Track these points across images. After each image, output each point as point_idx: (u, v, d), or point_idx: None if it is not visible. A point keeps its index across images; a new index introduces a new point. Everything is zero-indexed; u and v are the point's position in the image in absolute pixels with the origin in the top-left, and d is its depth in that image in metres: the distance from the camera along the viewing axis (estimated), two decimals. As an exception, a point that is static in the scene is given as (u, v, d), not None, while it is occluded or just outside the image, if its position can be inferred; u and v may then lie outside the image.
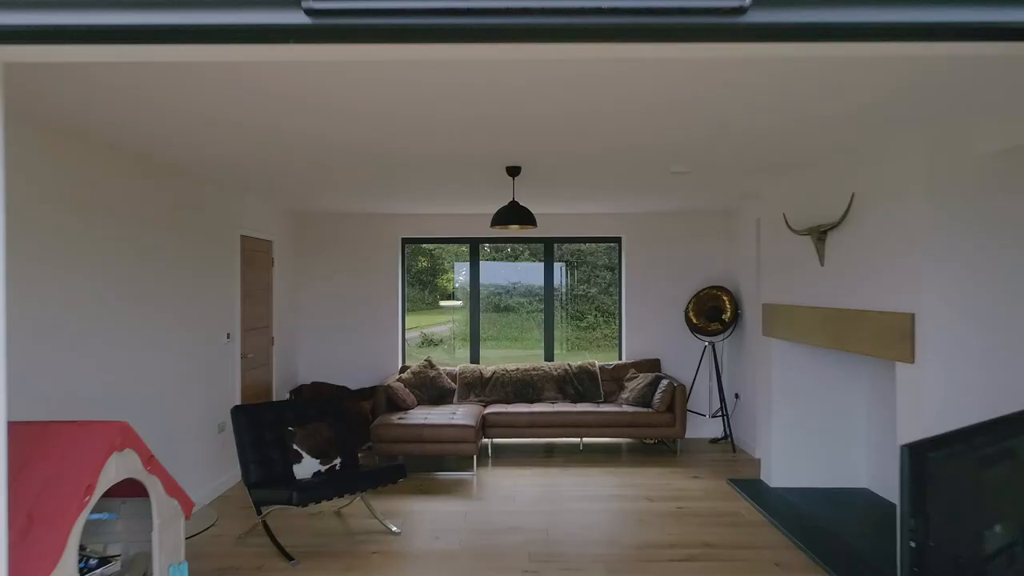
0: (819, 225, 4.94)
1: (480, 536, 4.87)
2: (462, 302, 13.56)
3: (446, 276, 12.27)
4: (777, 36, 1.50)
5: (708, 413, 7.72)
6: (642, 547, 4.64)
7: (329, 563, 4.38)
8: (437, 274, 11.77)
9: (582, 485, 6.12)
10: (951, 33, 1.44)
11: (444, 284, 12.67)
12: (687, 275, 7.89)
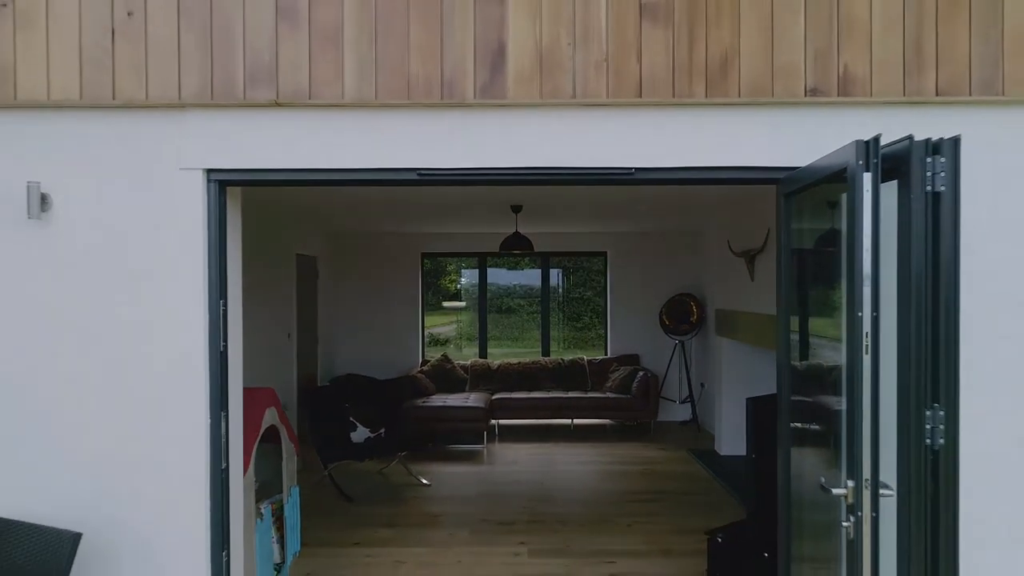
0: (749, 249, 6.46)
1: (491, 487, 6.41)
2: (465, 303, 15.10)
3: (448, 277, 13.77)
4: (648, 182, 3.05)
5: (678, 399, 9.23)
6: (613, 493, 6.18)
7: (377, 504, 5.91)
8: (440, 275, 13.34)
9: (572, 455, 7.65)
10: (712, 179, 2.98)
11: (447, 285, 14.16)
12: (661, 284, 9.39)
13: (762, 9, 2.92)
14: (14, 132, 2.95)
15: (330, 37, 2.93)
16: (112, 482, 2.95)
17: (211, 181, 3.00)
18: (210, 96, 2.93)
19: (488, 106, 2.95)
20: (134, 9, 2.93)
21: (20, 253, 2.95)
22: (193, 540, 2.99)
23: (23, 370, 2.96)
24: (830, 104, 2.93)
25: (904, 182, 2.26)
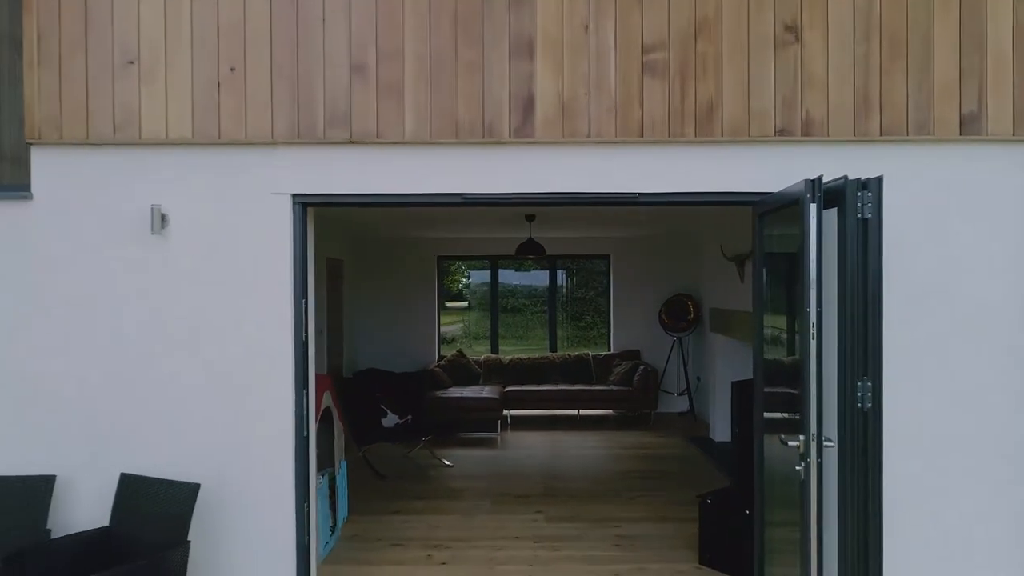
0: (739, 254, 7.18)
1: (507, 467, 7.14)
2: (466, 303, 15.81)
3: (451, 278, 14.50)
4: (648, 204, 3.77)
5: (676, 392, 9.95)
6: (617, 472, 6.90)
7: (407, 481, 6.63)
8: (443, 276, 14.05)
9: (579, 441, 8.37)
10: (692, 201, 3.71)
11: (449, 285, 14.86)
12: (660, 285, 10.10)
13: (739, 66, 3.65)
14: (140, 164, 3.68)
15: (393, 89, 3.66)
16: (220, 445, 3.68)
17: (296, 203, 3.72)
18: (296, 135, 3.66)
19: (520, 144, 3.68)
20: (236, 66, 3.65)
21: (146, 262, 3.68)
22: (282, 492, 3.71)
23: (150, 352, 3.69)
24: (795, 142, 3.66)
25: (842, 210, 2.98)
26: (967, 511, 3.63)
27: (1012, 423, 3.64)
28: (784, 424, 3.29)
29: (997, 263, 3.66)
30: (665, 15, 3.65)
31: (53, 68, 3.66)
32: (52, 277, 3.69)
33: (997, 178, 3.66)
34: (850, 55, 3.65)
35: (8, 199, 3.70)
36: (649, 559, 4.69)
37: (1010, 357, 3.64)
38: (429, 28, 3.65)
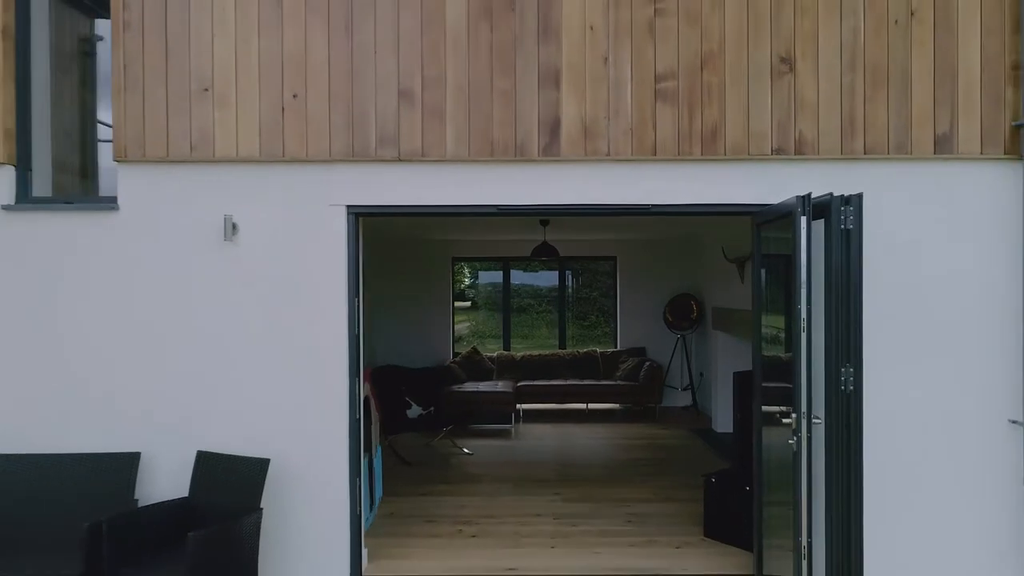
0: (740, 257, 7.68)
1: (522, 454, 7.64)
2: (469, 302, 16.34)
3: (454, 278, 15.01)
4: (659, 214, 4.28)
5: (680, 387, 10.45)
6: (625, 460, 7.41)
7: (431, 467, 7.13)
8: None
9: (588, 433, 8.87)
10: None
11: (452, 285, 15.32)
12: (665, 285, 10.60)
13: (740, 93, 4.15)
14: (213, 180, 4.19)
15: (436, 113, 4.16)
16: (284, 426, 4.19)
17: (350, 214, 4.23)
18: (351, 154, 4.17)
19: (548, 161, 4.18)
20: (298, 92, 4.16)
21: (219, 265, 4.19)
22: (337, 467, 4.22)
23: (220, 345, 4.19)
24: (789, 160, 4.16)
25: (828, 222, 3.48)
26: (937, 475, 4.14)
27: (979, 403, 4.15)
28: (779, 404, 3.79)
29: (968, 265, 4.16)
30: (675, 49, 4.16)
31: (137, 95, 4.16)
32: (135, 278, 4.20)
33: (967, 191, 4.17)
34: (838, 83, 4.15)
35: (98, 210, 4.21)
36: (658, 533, 5.19)
37: (978, 349, 4.15)
38: (468, 59, 4.16)
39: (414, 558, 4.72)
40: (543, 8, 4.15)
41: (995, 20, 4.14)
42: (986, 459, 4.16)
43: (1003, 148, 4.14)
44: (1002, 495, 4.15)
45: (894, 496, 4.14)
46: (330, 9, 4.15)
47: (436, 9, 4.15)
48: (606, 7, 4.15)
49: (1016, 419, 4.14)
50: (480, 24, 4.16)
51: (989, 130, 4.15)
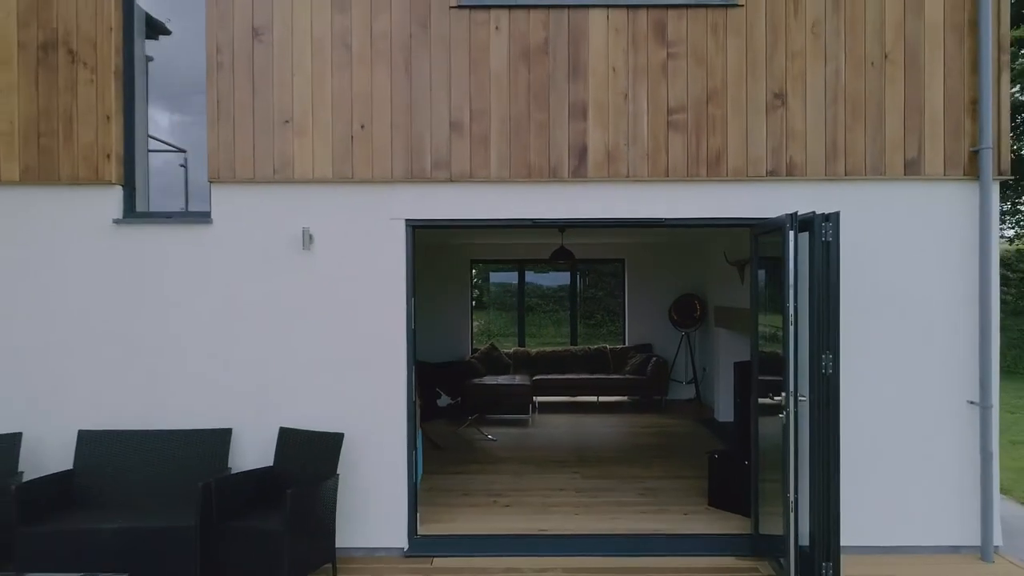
0: (740, 260, 8.42)
1: (541, 441, 8.39)
2: (473, 302, 17.14)
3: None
4: (672, 226, 5.03)
5: (684, 381, 11.20)
6: (636, 445, 8.15)
7: (460, 451, 7.88)
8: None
9: (600, 422, 9.62)
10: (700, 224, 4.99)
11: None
12: (670, 286, 11.34)
13: (740, 124, 4.90)
14: (294, 197, 4.93)
15: (482, 141, 4.91)
16: (353, 406, 4.93)
17: (408, 226, 4.97)
18: (410, 175, 4.91)
19: (576, 182, 4.93)
20: (365, 124, 4.91)
21: (298, 270, 4.94)
22: (397, 441, 4.97)
23: (298, 337, 4.94)
24: (781, 180, 4.91)
25: (811, 235, 4.22)
26: (904, 444, 4.89)
27: (943, 386, 4.89)
28: (772, 387, 4.53)
29: (932, 269, 4.91)
30: (684, 86, 4.91)
31: (228, 125, 4.92)
32: (226, 283, 4.95)
33: (932, 206, 4.91)
34: (822, 115, 4.90)
35: (195, 223, 4.97)
36: (668, 503, 5.93)
37: (942, 341, 4.89)
38: (509, 96, 4.91)
39: (459, 521, 5.47)
40: (572, 53, 4.90)
41: (956, 62, 4.89)
42: (949, 432, 4.90)
43: (963, 170, 4.89)
44: (960, 461, 4.89)
45: (865, 461, 4.88)
46: (392, 53, 4.90)
47: (481, 53, 4.91)
48: (626, 51, 4.90)
49: (974, 400, 4.88)
50: (519, 66, 4.91)
51: (951, 155, 4.89)
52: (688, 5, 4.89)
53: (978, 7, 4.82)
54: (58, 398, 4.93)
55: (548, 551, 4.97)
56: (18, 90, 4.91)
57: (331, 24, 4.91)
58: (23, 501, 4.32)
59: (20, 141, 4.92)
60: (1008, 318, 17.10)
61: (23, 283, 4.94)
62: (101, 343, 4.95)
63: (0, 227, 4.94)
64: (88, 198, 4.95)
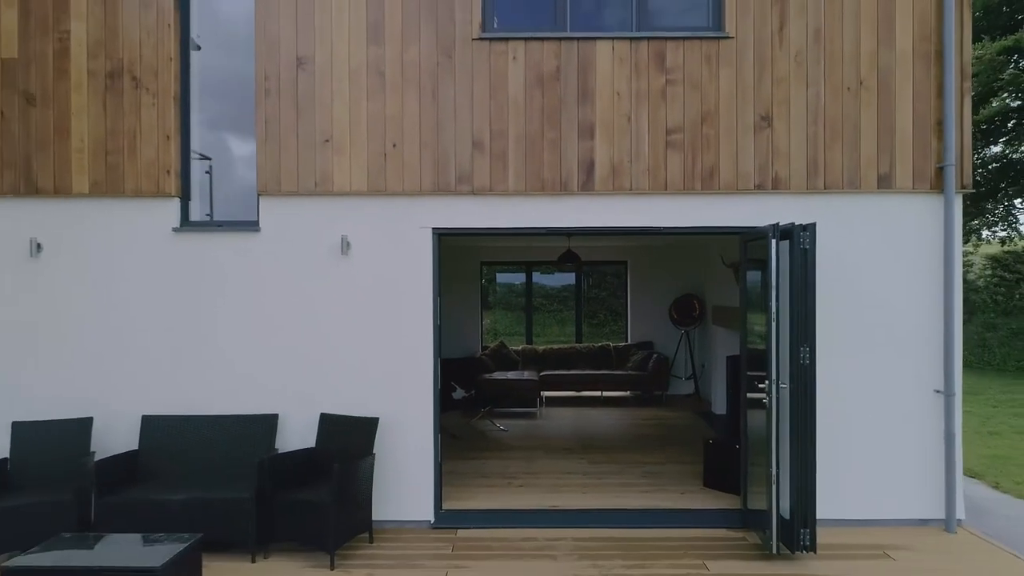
0: (735, 262, 9.00)
1: (550, 431, 9.00)
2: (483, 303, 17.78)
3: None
4: (671, 234, 5.63)
5: (684, 376, 11.79)
6: (638, 435, 8.76)
7: (474, 440, 8.48)
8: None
9: (604, 415, 10.22)
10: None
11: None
12: (671, 286, 11.93)
13: (730, 143, 5.49)
14: (333, 209, 5.54)
15: (500, 158, 5.51)
16: (386, 394, 5.54)
17: (434, 234, 5.58)
18: (436, 188, 5.52)
19: (584, 194, 5.53)
20: (396, 143, 5.52)
21: (336, 276, 5.54)
22: (425, 425, 5.57)
23: (335, 333, 5.55)
24: (768, 193, 5.50)
25: (791, 243, 4.81)
26: (877, 427, 5.48)
27: (913, 377, 5.49)
28: (760, 379, 5.12)
29: (902, 272, 5.50)
30: (681, 109, 5.50)
31: (275, 144, 5.52)
32: (272, 283, 5.56)
33: (902, 216, 5.51)
34: (804, 135, 5.49)
35: (245, 231, 5.57)
36: (668, 484, 6.53)
37: (912, 336, 5.49)
38: (525, 117, 5.51)
39: (479, 498, 6.07)
40: (581, 79, 5.50)
41: (924, 88, 5.48)
42: (917, 418, 5.50)
43: (930, 184, 5.48)
44: (927, 443, 5.49)
45: (842, 444, 5.48)
46: (421, 80, 5.51)
47: (500, 80, 5.51)
48: (629, 78, 5.50)
49: (939, 389, 5.47)
50: (534, 91, 5.51)
51: (919, 171, 5.48)
52: (684, 37, 5.49)
53: (943, 39, 5.41)
54: (123, 387, 5.55)
55: (559, 524, 5.57)
56: (88, 113, 5.53)
57: (366, 54, 5.51)
58: (100, 476, 4.95)
59: (90, 158, 5.53)
60: (999, 317, 17.69)
61: (93, 286, 5.56)
62: (161, 338, 5.56)
63: (72, 235, 5.56)
64: (150, 209, 5.57)
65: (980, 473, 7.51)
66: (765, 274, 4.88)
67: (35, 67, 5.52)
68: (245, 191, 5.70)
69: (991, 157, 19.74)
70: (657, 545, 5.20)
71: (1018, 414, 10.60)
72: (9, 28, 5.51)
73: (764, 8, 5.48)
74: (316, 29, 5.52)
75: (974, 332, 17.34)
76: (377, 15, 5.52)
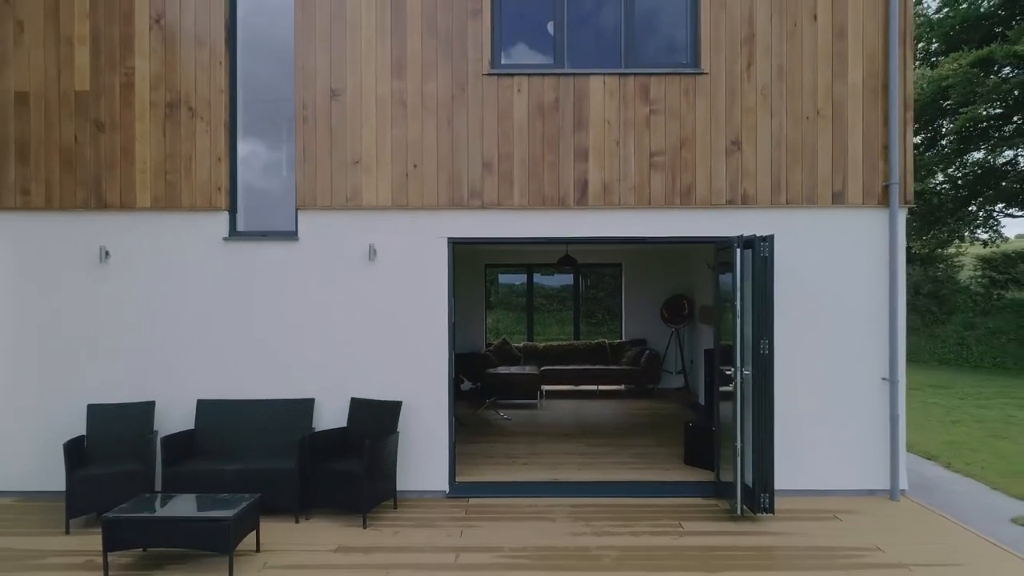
0: (719, 266, 9.87)
1: (550, 420, 9.87)
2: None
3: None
4: (655, 243, 6.51)
5: (674, 371, 12.65)
6: (631, 423, 9.63)
7: (480, 427, 9.35)
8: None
9: (600, 406, 11.09)
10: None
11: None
12: (662, 287, 12.79)
13: (706, 164, 6.36)
14: (361, 221, 6.41)
15: (507, 177, 6.38)
16: (407, 381, 6.40)
17: (449, 243, 6.44)
18: (451, 204, 6.39)
19: (579, 209, 6.39)
20: (417, 163, 6.38)
21: (364, 279, 6.41)
22: (441, 408, 6.44)
23: (364, 330, 6.41)
24: (738, 208, 6.37)
25: (753, 251, 5.68)
26: (828, 411, 6.35)
27: (862, 366, 6.36)
28: (726, 364, 5.98)
29: (853, 276, 6.36)
30: (663, 135, 6.37)
31: (312, 165, 6.39)
32: (308, 285, 6.43)
33: (853, 228, 6.37)
34: (769, 158, 6.36)
35: (285, 240, 6.44)
36: (653, 462, 7.40)
37: (862, 331, 6.35)
38: (528, 142, 6.38)
39: (487, 474, 6.95)
40: (577, 109, 6.37)
41: (872, 116, 6.34)
42: (866, 401, 6.37)
43: (877, 200, 6.34)
44: (875, 424, 6.36)
45: (801, 424, 6.34)
46: (438, 110, 6.38)
47: (507, 110, 6.38)
48: (618, 108, 6.37)
49: (885, 377, 6.34)
50: (536, 120, 6.38)
51: (868, 188, 6.35)
52: (666, 73, 6.36)
53: (888, 75, 6.28)
54: (180, 374, 6.41)
55: (558, 494, 6.44)
56: (150, 138, 6.39)
57: (391, 87, 6.38)
58: (165, 450, 5.81)
59: (151, 177, 6.40)
60: (977, 317, 18.57)
61: (153, 287, 6.42)
62: (213, 332, 6.43)
63: (135, 243, 6.43)
64: (203, 221, 6.43)
65: (936, 455, 8.38)
66: (732, 278, 5.75)
67: (104, 99, 6.39)
68: (274, 197, 6.59)
69: (974, 163, 20.67)
70: (641, 510, 6.06)
71: (981, 406, 11.47)
72: (82, 65, 6.38)
73: (734, 48, 6.35)
74: (348, 64, 6.39)
75: (953, 331, 18.23)
76: (400, 53, 6.38)
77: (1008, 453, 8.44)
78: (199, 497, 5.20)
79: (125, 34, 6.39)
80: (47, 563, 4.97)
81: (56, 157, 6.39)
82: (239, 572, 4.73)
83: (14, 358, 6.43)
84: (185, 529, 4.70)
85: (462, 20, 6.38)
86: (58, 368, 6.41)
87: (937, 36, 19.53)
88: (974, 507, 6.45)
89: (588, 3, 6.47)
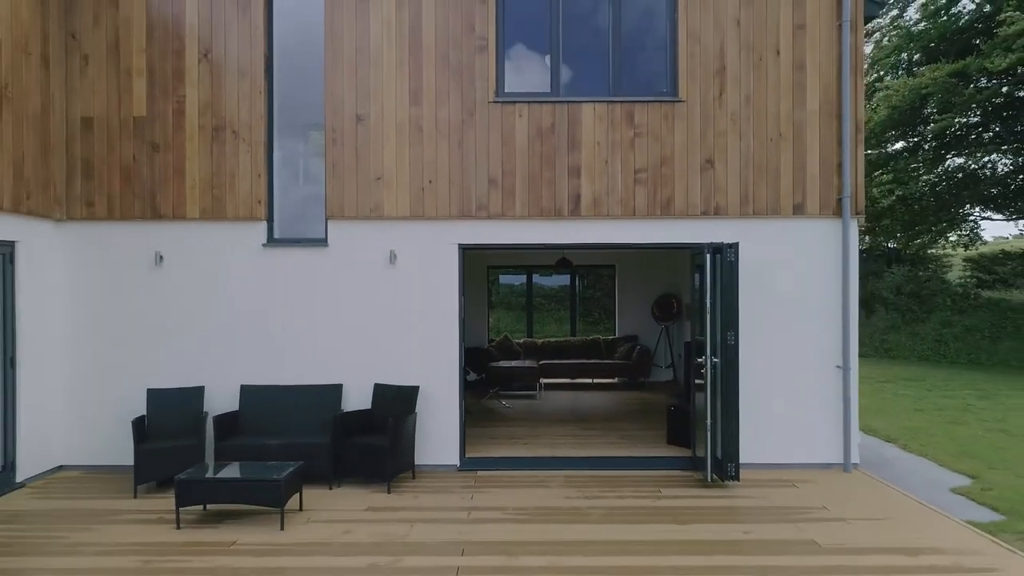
0: (702, 268, 10.81)
1: (548, 409, 10.82)
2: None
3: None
4: (639, 248, 7.47)
5: (663, 365, 13.60)
6: (622, 411, 10.58)
7: (484, 415, 10.29)
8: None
9: (594, 397, 12.04)
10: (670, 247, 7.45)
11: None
12: (653, 287, 13.73)
13: (683, 180, 7.31)
14: (383, 229, 7.36)
15: (510, 192, 7.33)
16: (424, 370, 7.35)
17: (460, 248, 7.39)
18: (461, 215, 7.34)
19: (573, 219, 7.34)
20: (432, 180, 7.34)
21: (385, 280, 7.36)
22: (453, 391, 7.40)
23: (384, 326, 7.36)
24: (711, 218, 7.32)
25: (721, 256, 6.62)
26: (787, 395, 7.30)
27: (818, 355, 7.31)
28: (700, 354, 6.93)
29: (811, 277, 7.31)
30: (646, 155, 7.32)
31: (340, 180, 7.34)
32: (337, 286, 7.37)
33: (811, 235, 7.31)
34: (738, 174, 7.31)
35: (316, 246, 7.39)
36: (639, 443, 8.35)
37: (818, 325, 7.30)
38: (528, 161, 7.32)
39: (492, 451, 7.90)
40: (571, 133, 7.32)
41: (828, 138, 7.29)
42: (823, 386, 7.32)
43: (832, 211, 7.30)
44: (830, 405, 7.31)
45: (765, 406, 7.28)
46: (450, 133, 7.33)
47: (509, 133, 7.33)
48: (606, 131, 7.32)
49: (839, 365, 7.29)
50: (535, 141, 7.33)
51: (824, 201, 7.30)
52: (648, 100, 7.31)
53: (841, 102, 7.23)
54: (225, 363, 7.35)
55: (554, 467, 7.39)
56: (199, 158, 7.34)
57: (409, 113, 7.33)
58: (216, 427, 6.76)
59: (200, 191, 7.34)
60: (955, 315, 19.52)
61: (201, 287, 7.37)
62: (254, 327, 7.37)
63: (186, 249, 7.37)
64: (245, 230, 7.38)
65: (895, 438, 9.32)
66: (703, 279, 6.70)
67: (159, 123, 7.34)
68: (307, 208, 7.54)
69: (955, 168, 21.61)
70: (626, 480, 7.01)
71: (946, 396, 12.43)
72: (139, 94, 7.32)
73: (708, 79, 7.30)
74: (371, 93, 7.33)
75: (932, 329, 19.19)
76: (417, 83, 7.33)
77: (960, 436, 9.40)
78: (252, 464, 6.15)
79: (176, 67, 7.34)
80: (126, 518, 5.92)
81: (117, 174, 7.34)
82: (289, 525, 5.68)
83: (76, 349, 7.37)
84: (245, 488, 5.65)
85: (471, 54, 7.33)
86: (118, 358, 7.36)
87: (917, 48, 20.45)
88: (919, 480, 7.39)
89: (580, 39, 7.42)
